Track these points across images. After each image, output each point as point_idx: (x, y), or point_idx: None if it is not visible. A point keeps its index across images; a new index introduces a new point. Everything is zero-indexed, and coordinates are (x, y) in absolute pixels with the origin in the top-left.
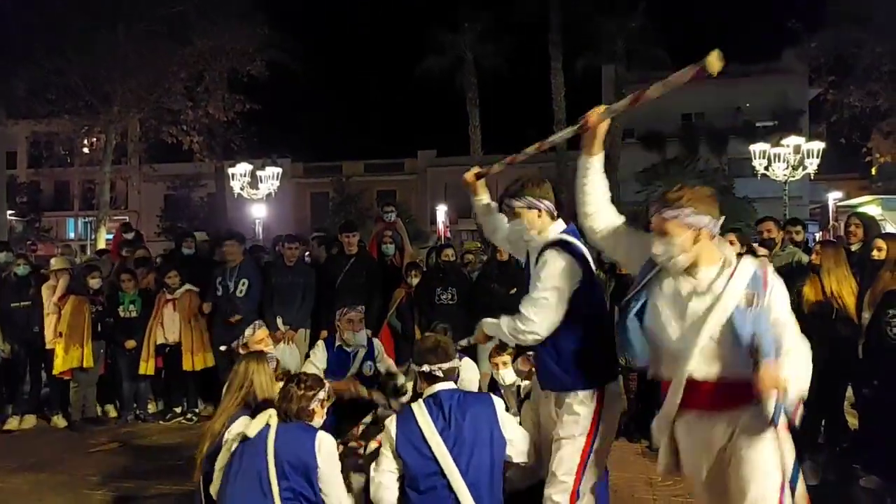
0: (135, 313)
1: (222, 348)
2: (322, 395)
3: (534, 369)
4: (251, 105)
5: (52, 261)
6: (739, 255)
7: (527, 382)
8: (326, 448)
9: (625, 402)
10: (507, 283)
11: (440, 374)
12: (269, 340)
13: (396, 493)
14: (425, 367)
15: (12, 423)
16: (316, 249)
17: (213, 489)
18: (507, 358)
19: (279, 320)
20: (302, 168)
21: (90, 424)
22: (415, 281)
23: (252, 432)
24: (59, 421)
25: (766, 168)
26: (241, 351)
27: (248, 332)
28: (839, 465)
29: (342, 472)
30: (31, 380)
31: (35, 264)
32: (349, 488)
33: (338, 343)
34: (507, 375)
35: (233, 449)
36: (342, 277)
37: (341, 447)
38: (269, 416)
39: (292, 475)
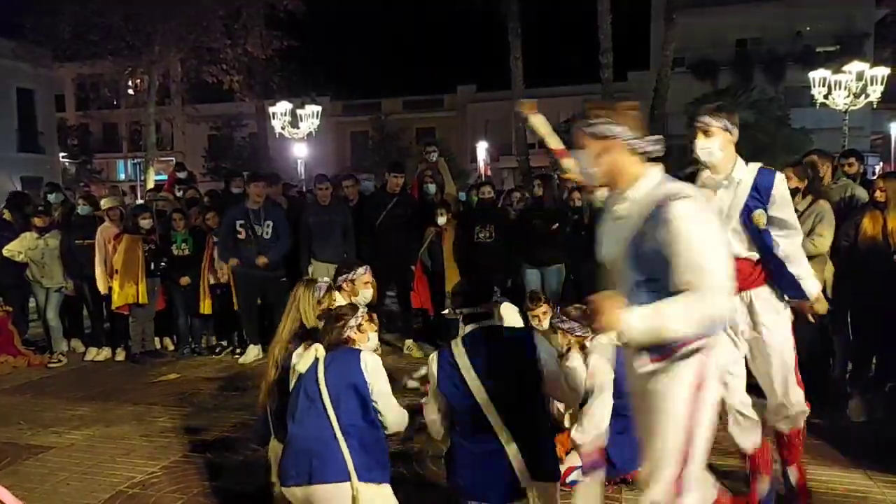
0: (187, 251)
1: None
2: (353, 321)
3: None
4: (289, 42)
5: (103, 201)
6: (799, 189)
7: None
8: (372, 365)
9: None
10: (549, 219)
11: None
12: (372, 283)
13: (447, 422)
14: (465, 310)
15: (91, 354)
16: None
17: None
18: (545, 308)
19: None
20: (341, 106)
21: (150, 357)
22: (441, 220)
23: (303, 368)
24: (121, 353)
25: (826, 97)
26: (345, 287)
27: (360, 270)
28: (888, 404)
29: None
30: (94, 315)
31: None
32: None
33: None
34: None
35: (293, 386)
36: (384, 215)
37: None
38: (317, 350)
39: (348, 400)
